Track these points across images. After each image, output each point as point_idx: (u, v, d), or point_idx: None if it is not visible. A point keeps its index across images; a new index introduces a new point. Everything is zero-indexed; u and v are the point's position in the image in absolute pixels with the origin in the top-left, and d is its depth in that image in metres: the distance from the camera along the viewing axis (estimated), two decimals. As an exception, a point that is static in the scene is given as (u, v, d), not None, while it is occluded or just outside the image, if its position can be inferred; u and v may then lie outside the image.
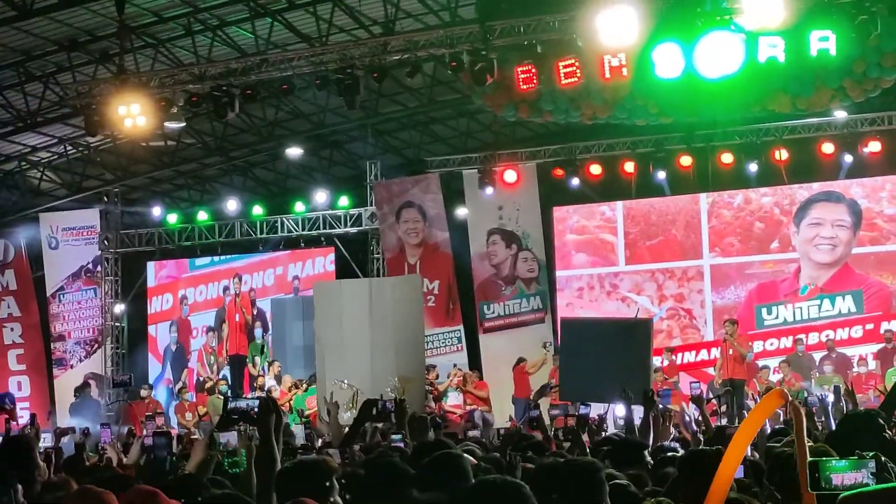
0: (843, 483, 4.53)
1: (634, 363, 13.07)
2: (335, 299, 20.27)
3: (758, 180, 26.60)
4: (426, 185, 28.66)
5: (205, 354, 30.30)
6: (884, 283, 25.60)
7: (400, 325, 19.13)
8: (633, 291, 27.22)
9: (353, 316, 19.22)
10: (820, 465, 4.59)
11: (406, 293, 20.68)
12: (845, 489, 4.48)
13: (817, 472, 4.55)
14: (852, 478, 4.51)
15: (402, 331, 19.09)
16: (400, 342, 18.83)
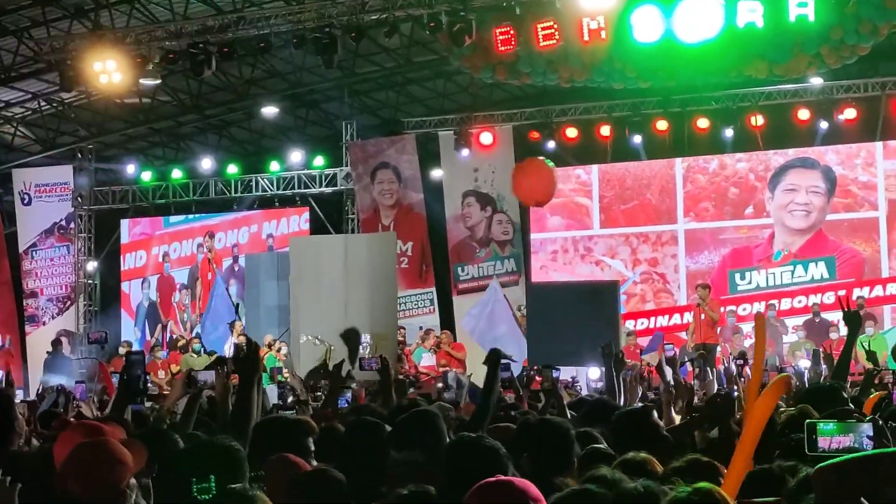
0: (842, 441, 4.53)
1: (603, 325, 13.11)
2: (311, 255, 20.25)
3: (733, 146, 26.64)
4: (402, 146, 28.61)
5: (178, 312, 30.26)
6: (856, 250, 25.71)
7: (374, 282, 19.12)
8: (607, 255, 27.27)
9: (327, 272, 19.20)
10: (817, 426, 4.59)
11: (381, 250, 20.65)
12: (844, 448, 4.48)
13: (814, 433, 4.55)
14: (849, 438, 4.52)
15: (376, 287, 19.07)
16: (374, 299, 18.81)
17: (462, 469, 4.49)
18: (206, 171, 29.99)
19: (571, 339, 13.05)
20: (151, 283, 30.65)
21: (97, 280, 31.05)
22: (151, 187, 30.55)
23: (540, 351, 13.15)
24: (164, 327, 30.21)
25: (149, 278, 30.66)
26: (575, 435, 5.97)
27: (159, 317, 30.37)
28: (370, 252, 20.49)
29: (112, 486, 4.51)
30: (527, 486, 3.74)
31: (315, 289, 19.05)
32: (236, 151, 31.84)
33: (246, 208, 30.12)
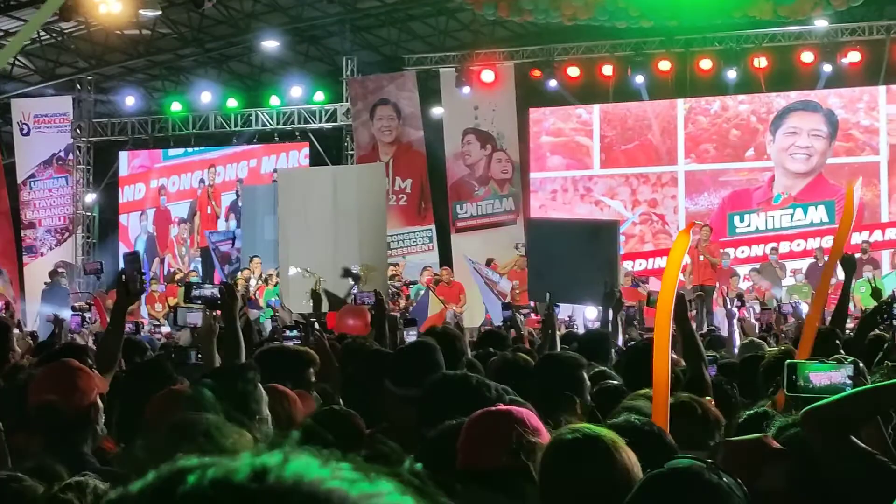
0: (822, 382, 4.54)
1: (601, 264, 13.04)
2: (299, 187, 20.20)
3: (736, 88, 26.52)
4: (402, 83, 28.46)
5: (176, 245, 30.25)
6: (857, 195, 25.66)
7: (363, 214, 19.07)
8: (606, 195, 27.21)
9: (316, 204, 19.14)
10: (798, 367, 4.60)
11: (370, 181, 20.59)
12: (822, 389, 4.50)
13: (794, 373, 4.56)
14: (831, 377, 4.53)
15: (365, 219, 19.03)
16: (363, 231, 18.77)
17: (446, 406, 4.45)
18: (206, 104, 29.86)
19: (570, 276, 12.96)
20: (149, 216, 30.61)
21: (95, 212, 31.03)
22: (150, 120, 30.44)
23: (540, 286, 13.11)
24: (161, 261, 30.19)
25: (147, 211, 30.63)
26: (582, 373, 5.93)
27: (156, 250, 30.35)
28: (359, 183, 20.43)
29: (81, 393, 4.56)
30: (526, 416, 3.71)
31: (304, 221, 19.00)
32: (236, 85, 31.66)
33: (245, 142, 30.02)
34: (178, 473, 0.95)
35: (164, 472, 0.96)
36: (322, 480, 0.94)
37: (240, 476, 0.93)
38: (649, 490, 2.82)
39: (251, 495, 0.92)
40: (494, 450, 3.54)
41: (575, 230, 15.39)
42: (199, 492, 0.92)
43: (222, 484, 0.93)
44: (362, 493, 0.94)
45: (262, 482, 0.93)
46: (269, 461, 0.95)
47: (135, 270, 6.95)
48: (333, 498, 0.93)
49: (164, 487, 0.94)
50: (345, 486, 0.94)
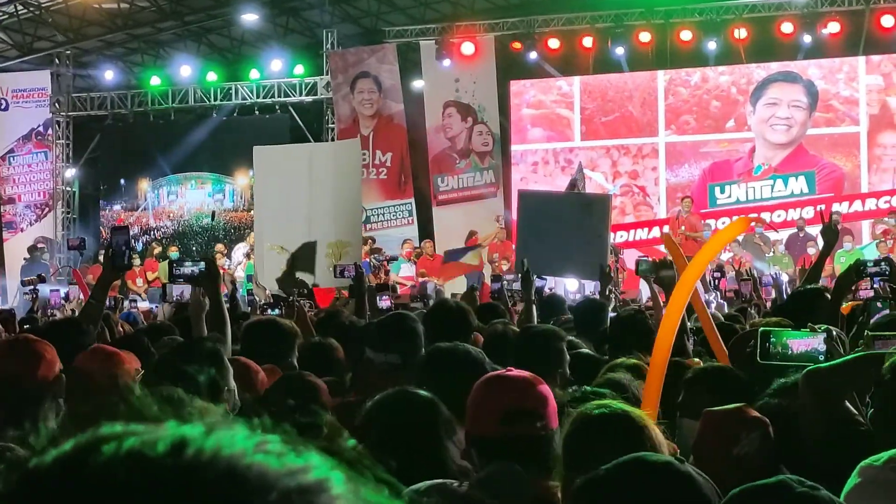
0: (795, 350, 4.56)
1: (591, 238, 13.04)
2: (275, 164, 20.14)
3: (716, 59, 26.52)
4: (382, 56, 28.39)
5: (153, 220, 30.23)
6: (836, 165, 25.73)
7: (338, 190, 19.04)
8: (587, 167, 27.15)
9: (292, 181, 19.10)
10: (773, 334, 4.61)
11: (346, 158, 20.56)
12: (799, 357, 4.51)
13: (768, 341, 4.57)
14: (805, 344, 4.54)
15: (340, 195, 18.99)
16: (338, 207, 18.74)
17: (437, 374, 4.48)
18: (186, 78, 29.74)
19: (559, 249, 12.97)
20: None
21: (75, 187, 30.92)
22: (130, 94, 30.32)
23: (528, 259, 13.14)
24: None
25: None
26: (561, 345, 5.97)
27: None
28: (335, 160, 20.40)
29: (46, 364, 4.54)
30: (528, 383, 3.73)
31: (279, 198, 18.96)
32: (216, 59, 31.52)
33: (225, 116, 29.93)
34: (96, 442, 0.93)
35: (83, 440, 0.94)
36: (244, 454, 0.91)
37: (157, 449, 0.91)
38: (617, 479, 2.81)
39: (165, 470, 0.89)
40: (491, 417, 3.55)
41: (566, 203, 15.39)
42: (112, 464, 0.90)
43: (136, 457, 0.90)
44: (287, 467, 0.91)
45: (179, 456, 0.90)
46: (189, 433, 0.93)
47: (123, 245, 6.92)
48: (252, 473, 0.90)
49: (78, 457, 0.92)
50: (269, 461, 0.91)
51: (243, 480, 0.90)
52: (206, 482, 0.89)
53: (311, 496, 0.91)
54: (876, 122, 25.63)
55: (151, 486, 0.89)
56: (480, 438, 3.55)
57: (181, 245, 28.28)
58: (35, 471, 0.93)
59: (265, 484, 0.90)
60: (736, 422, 3.45)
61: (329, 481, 0.92)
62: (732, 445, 3.36)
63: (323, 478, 0.92)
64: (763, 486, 2.58)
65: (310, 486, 0.91)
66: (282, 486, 0.90)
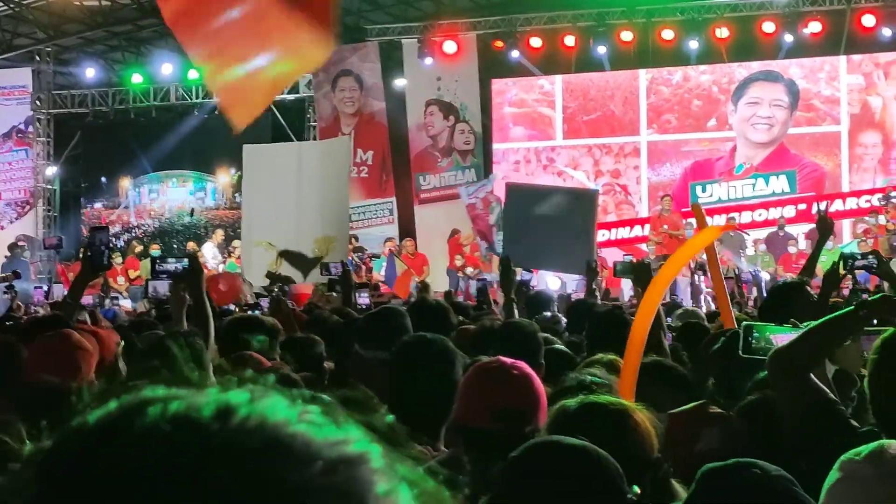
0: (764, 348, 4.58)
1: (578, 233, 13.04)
2: (264, 162, 20.11)
3: (698, 58, 26.58)
4: (364, 54, 28.37)
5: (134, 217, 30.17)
6: (818, 164, 25.81)
7: (326, 187, 19.02)
8: (569, 166, 27.23)
9: (281, 179, 19.09)
10: (756, 329, 4.63)
11: (335, 155, 20.55)
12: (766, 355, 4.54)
13: (751, 335, 4.59)
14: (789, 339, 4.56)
15: (328, 192, 18.97)
16: (326, 204, 18.72)
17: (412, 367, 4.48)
18: (167, 76, 29.67)
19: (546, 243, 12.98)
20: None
21: (56, 185, 30.82)
22: (111, 92, 30.24)
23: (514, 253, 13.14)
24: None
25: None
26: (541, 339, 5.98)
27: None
28: (324, 158, 20.37)
29: (77, 370, 4.53)
30: (520, 376, 3.73)
31: (268, 196, 18.94)
32: (197, 57, 31.38)
33: (206, 114, 29.86)
34: (140, 404, 0.92)
35: (126, 402, 0.93)
36: (287, 423, 0.91)
37: (203, 413, 0.91)
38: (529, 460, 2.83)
39: (211, 435, 0.89)
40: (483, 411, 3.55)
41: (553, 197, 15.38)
42: (159, 426, 0.89)
43: (183, 420, 0.90)
44: (328, 438, 0.92)
45: (225, 422, 0.90)
46: (234, 399, 0.92)
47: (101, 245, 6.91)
48: (297, 442, 0.90)
49: (123, 418, 0.91)
50: (311, 431, 0.91)
51: (288, 449, 0.90)
52: (253, 449, 0.89)
53: (353, 468, 0.91)
54: (857, 121, 25.72)
55: (199, 449, 0.88)
56: (469, 429, 3.55)
57: (162, 243, 28.23)
58: (78, 430, 0.93)
59: (310, 454, 0.90)
60: (696, 420, 3.49)
61: (369, 454, 0.93)
62: (695, 443, 3.39)
63: (363, 450, 0.93)
64: (723, 466, 2.67)
65: (351, 458, 0.91)
66: (325, 456, 0.90)
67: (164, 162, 29.98)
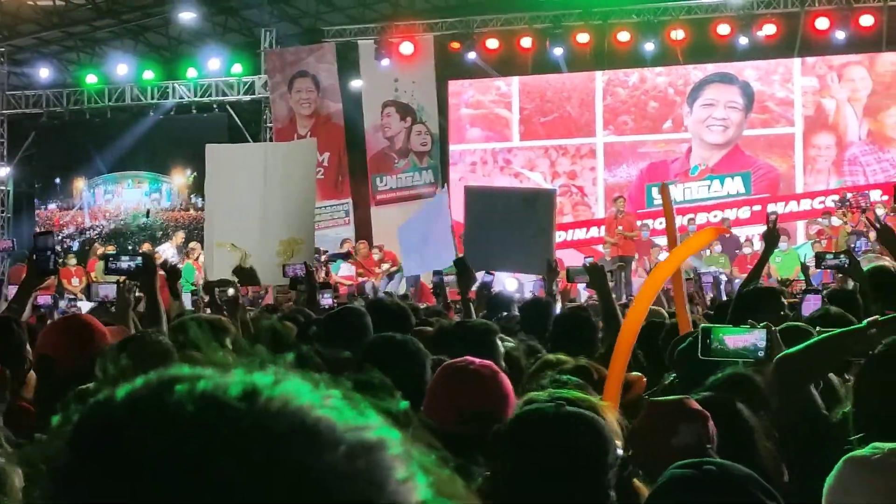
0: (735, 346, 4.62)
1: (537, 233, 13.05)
2: (228, 162, 20.02)
3: (653, 60, 26.69)
4: (321, 55, 28.32)
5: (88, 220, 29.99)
6: (772, 166, 25.98)
7: (292, 189, 18.96)
8: (526, 167, 27.29)
9: (245, 180, 19.01)
10: (713, 331, 4.67)
11: (301, 158, 20.49)
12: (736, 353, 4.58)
13: (708, 338, 4.64)
14: (745, 340, 4.60)
15: (295, 195, 18.91)
16: (291, 206, 18.66)
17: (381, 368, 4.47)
18: (122, 76, 29.52)
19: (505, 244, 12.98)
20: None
21: (10, 186, 30.59)
22: (66, 93, 30.05)
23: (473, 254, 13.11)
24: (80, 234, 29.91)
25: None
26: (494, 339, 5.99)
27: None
28: (291, 160, 20.31)
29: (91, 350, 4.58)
30: (489, 376, 3.75)
31: (231, 196, 18.85)
32: (153, 57, 31.25)
33: (162, 115, 29.73)
34: (168, 381, 0.93)
35: (154, 378, 0.94)
36: (312, 406, 0.92)
37: (230, 393, 0.91)
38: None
39: (238, 416, 0.90)
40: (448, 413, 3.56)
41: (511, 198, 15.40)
42: (186, 404, 0.90)
43: (211, 399, 0.91)
44: (350, 423, 0.92)
45: (252, 402, 0.91)
46: (260, 380, 0.93)
47: (46, 249, 6.86)
48: (321, 426, 0.91)
49: (151, 395, 0.92)
50: (333, 415, 0.92)
51: (313, 433, 0.91)
52: (279, 433, 0.90)
53: (374, 453, 0.92)
54: (811, 123, 25.91)
55: (226, 428, 0.89)
56: (437, 431, 3.55)
57: (118, 244, 28.05)
58: (105, 404, 0.93)
59: (334, 437, 0.91)
60: (676, 413, 3.50)
61: (388, 440, 0.94)
62: (672, 436, 3.41)
63: (384, 436, 0.94)
64: (689, 464, 2.69)
65: (372, 444, 0.92)
66: (348, 441, 0.91)
67: (119, 163, 29.81)
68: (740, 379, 4.23)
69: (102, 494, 0.88)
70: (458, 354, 5.30)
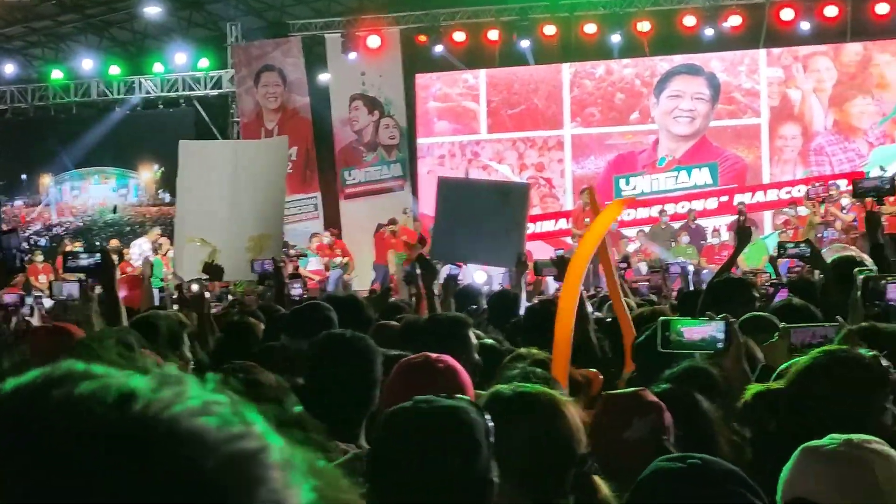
0: (694, 338, 4.63)
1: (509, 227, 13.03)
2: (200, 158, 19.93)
3: (620, 52, 26.74)
4: (287, 49, 28.25)
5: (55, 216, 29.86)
6: (739, 157, 26.07)
7: (263, 186, 18.92)
8: (494, 160, 27.30)
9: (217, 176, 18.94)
10: (671, 324, 4.69)
11: (273, 155, 20.44)
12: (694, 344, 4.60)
13: (667, 330, 4.65)
14: (703, 332, 4.61)
15: (265, 191, 18.88)
16: (261, 202, 18.62)
17: (328, 364, 4.47)
18: (88, 72, 29.37)
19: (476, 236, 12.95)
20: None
21: (-25, 183, 30.47)
22: (30, 88, 29.89)
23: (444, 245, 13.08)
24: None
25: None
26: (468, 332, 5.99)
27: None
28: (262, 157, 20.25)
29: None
30: (446, 369, 3.74)
31: (202, 192, 18.77)
32: (118, 52, 31.09)
33: (129, 110, 29.59)
34: (50, 383, 0.91)
35: (41, 376, 0.93)
36: (189, 414, 0.90)
37: (104, 400, 0.89)
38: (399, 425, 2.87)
39: (107, 423, 0.88)
40: None
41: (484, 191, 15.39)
42: (57, 410, 0.89)
43: (82, 406, 0.89)
44: (228, 432, 0.90)
45: (124, 410, 0.89)
46: (138, 385, 0.91)
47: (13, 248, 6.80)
48: (194, 436, 0.89)
49: (31, 394, 0.91)
50: (212, 424, 0.90)
51: (183, 443, 0.89)
52: (147, 441, 0.88)
53: (249, 464, 0.90)
54: (777, 113, 26.02)
55: (90, 438, 0.87)
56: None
57: (85, 241, 27.92)
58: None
59: (205, 449, 0.89)
60: (630, 406, 3.51)
61: (267, 450, 0.92)
62: (625, 429, 3.41)
63: (262, 446, 0.92)
64: (672, 459, 2.67)
65: (248, 454, 0.91)
66: (221, 452, 0.89)
67: (85, 159, 29.71)
68: (696, 372, 4.24)
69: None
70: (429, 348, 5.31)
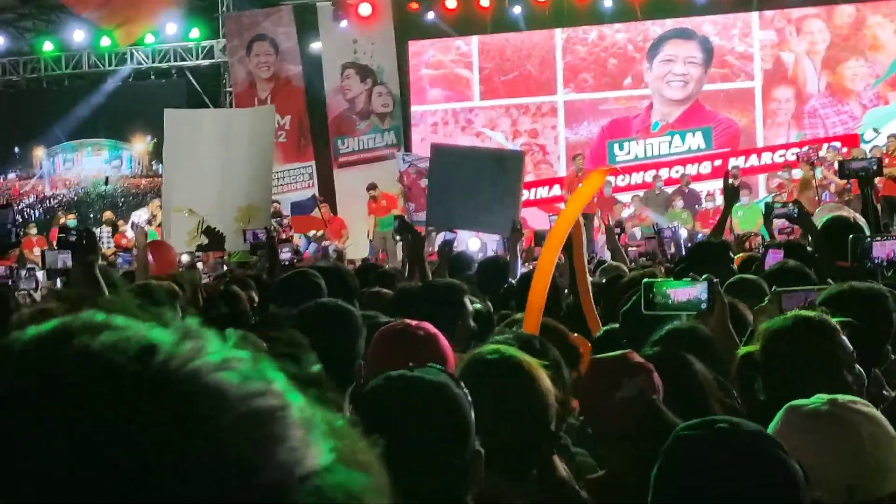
0: (678, 299, 4.64)
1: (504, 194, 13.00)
2: (186, 127, 19.87)
3: (612, 16, 26.66)
4: (278, 18, 28.15)
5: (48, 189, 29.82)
6: (732, 120, 26.03)
7: (251, 156, 18.88)
8: (487, 127, 27.26)
9: (204, 145, 18.89)
10: (654, 286, 4.69)
11: (260, 124, 20.39)
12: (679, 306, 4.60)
13: (651, 292, 4.65)
14: (687, 293, 4.61)
15: (253, 161, 18.84)
16: (250, 173, 18.59)
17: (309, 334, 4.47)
18: (79, 43, 29.26)
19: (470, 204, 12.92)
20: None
21: (-32, 157, 30.40)
22: (22, 60, 29.80)
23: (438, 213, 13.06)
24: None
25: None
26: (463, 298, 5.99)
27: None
28: (250, 127, 20.21)
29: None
30: (426, 336, 3.74)
31: (189, 162, 18.73)
32: (109, 24, 31.01)
33: (120, 81, 29.51)
34: (70, 332, 0.89)
35: (61, 324, 0.91)
36: (209, 370, 0.88)
37: (126, 350, 0.88)
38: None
39: (127, 375, 0.87)
40: None
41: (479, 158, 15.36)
42: (77, 360, 0.87)
43: (102, 357, 0.87)
44: (248, 389, 0.89)
45: (145, 363, 0.87)
46: (159, 338, 0.90)
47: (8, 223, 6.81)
48: (211, 391, 0.87)
49: (51, 343, 0.89)
50: (233, 378, 0.89)
51: (200, 398, 0.87)
52: (165, 395, 0.87)
53: (268, 422, 0.89)
54: (770, 76, 25.97)
55: (109, 389, 0.86)
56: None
57: (79, 213, 27.88)
58: (4, 348, 0.90)
59: (222, 405, 0.88)
60: (619, 367, 3.50)
61: (287, 408, 0.90)
62: (615, 390, 3.41)
63: (281, 404, 0.90)
64: (695, 425, 2.61)
65: (268, 412, 0.89)
66: (238, 409, 0.88)
67: (78, 131, 29.64)
68: (681, 333, 4.23)
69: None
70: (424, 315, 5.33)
